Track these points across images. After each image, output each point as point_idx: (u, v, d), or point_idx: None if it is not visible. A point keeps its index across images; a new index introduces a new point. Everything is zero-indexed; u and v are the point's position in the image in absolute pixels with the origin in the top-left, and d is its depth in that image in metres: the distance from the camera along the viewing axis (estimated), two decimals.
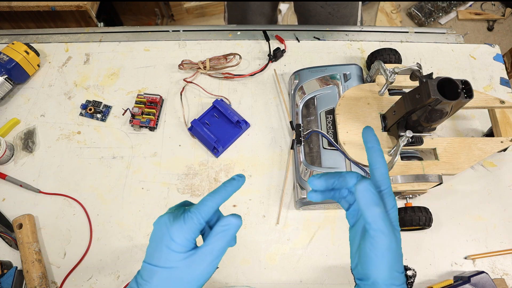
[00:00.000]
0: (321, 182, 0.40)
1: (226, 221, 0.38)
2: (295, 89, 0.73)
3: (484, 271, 0.59)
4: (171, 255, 0.37)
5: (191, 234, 0.37)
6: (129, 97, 0.78)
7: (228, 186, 0.39)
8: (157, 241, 0.38)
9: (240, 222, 0.38)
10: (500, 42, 1.88)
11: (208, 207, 0.38)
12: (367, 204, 0.35)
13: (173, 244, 0.37)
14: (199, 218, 0.37)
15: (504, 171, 0.71)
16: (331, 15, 0.96)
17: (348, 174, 0.40)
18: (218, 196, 0.38)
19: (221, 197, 0.38)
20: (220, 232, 0.38)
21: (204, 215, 0.37)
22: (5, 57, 0.76)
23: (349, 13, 0.98)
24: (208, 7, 1.87)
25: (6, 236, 0.66)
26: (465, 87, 0.52)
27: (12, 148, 0.73)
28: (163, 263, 0.37)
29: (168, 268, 0.37)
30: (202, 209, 0.38)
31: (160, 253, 0.37)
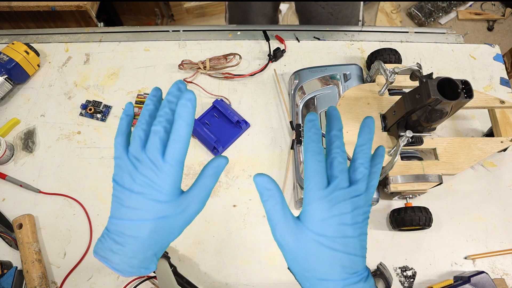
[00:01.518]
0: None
1: (217, 162, 0.36)
2: (295, 89, 0.73)
3: (484, 271, 0.59)
4: (160, 205, 0.34)
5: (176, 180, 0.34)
6: (129, 97, 0.78)
7: (185, 116, 0.34)
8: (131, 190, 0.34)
9: (227, 160, 0.37)
10: (500, 42, 1.88)
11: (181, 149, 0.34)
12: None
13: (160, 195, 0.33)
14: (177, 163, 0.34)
15: (504, 171, 0.71)
16: (332, 15, 0.96)
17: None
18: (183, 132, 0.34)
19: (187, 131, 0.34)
20: (212, 173, 0.36)
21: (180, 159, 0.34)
22: (5, 57, 0.76)
23: (350, 14, 0.98)
24: (208, 7, 1.87)
25: (6, 236, 0.66)
26: (465, 87, 0.52)
27: (12, 148, 0.73)
28: (148, 215, 0.33)
29: (156, 219, 0.33)
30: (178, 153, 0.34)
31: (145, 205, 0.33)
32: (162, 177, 0.33)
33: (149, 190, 0.33)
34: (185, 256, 0.65)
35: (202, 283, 0.64)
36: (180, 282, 0.59)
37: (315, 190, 0.33)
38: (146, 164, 0.33)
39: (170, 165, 0.33)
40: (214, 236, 0.66)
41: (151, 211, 0.33)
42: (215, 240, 0.66)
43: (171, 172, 0.34)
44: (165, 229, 0.34)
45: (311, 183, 0.33)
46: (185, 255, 0.65)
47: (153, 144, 0.33)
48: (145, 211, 0.33)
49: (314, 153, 0.34)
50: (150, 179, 0.33)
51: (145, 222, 0.33)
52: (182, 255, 0.65)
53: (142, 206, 0.33)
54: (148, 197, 0.33)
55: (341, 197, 0.33)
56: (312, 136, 0.34)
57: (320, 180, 0.33)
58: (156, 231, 0.34)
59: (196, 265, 0.65)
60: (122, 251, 0.33)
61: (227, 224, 0.67)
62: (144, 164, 0.33)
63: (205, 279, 0.64)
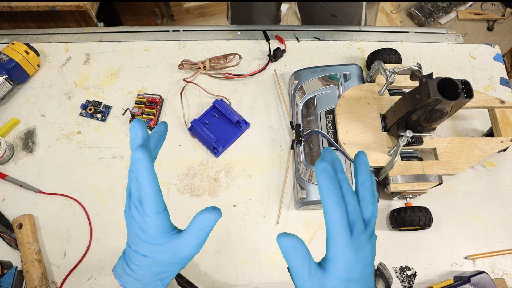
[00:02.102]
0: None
1: (204, 220, 0.38)
2: (295, 89, 0.74)
3: (484, 271, 0.59)
4: (152, 246, 0.38)
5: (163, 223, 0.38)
6: (129, 97, 0.78)
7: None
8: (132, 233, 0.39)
9: (219, 214, 0.38)
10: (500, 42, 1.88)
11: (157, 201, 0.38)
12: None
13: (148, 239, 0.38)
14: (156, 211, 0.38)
15: (504, 171, 0.71)
16: (335, 14, 0.96)
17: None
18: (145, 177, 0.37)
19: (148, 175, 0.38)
20: (198, 225, 0.39)
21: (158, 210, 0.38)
22: (5, 57, 0.76)
23: (353, 12, 0.98)
24: (208, 7, 1.87)
25: (6, 236, 0.66)
26: (465, 87, 0.52)
27: (12, 148, 0.73)
28: (145, 252, 0.39)
29: (151, 257, 0.39)
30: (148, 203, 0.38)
31: (142, 244, 0.39)
32: (145, 223, 0.38)
33: (142, 234, 0.38)
34: None
35: (202, 283, 0.64)
36: (180, 282, 0.59)
37: (342, 241, 0.33)
38: (134, 209, 0.38)
39: (149, 215, 0.37)
40: (214, 236, 0.66)
41: (146, 250, 0.39)
42: (215, 240, 0.66)
43: (152, 222, 0.38)
44: (162, 265, 0.39)
45: (337, 235, 0.33)
46: None
47: (134, 197, 0.38)
48: (143, 249, 0.39)
49: (335, 205, 0.33)
50: (141, 227, 0.38)
51: (144, 257, 0.39)
52: None
53: (140, 244, 0.39)
54: (142, 239, 0.38)
55: (363, 241, 0.34)
56: (329, 186, 0.33)
57: (345, 231, 0.33)
58: (154, 265, 0.39)
59: (196, 265, 0.65)
60: (132, 274, 0.40)
61: (227, 224, 0.67)
62: (133, 208, 0.38)
63: (205, 279, 0.64)
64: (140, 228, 0.38)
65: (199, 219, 0.38)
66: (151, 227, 0.38)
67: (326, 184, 0.33)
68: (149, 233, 0.38)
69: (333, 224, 0.33)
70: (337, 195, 0.33)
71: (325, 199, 0.33)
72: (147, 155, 0.36)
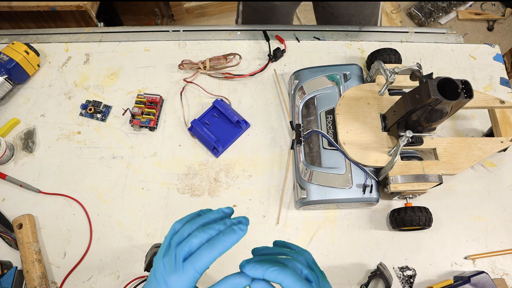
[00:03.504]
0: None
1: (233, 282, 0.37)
2: (295, 89, 0.74)
3: (484, 271, 0.59)
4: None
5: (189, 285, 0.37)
6: (129, 97, 0.78)
7: (227, 240, 0.37)
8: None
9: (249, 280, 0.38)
10: (500, 42, 1.88)
11: (205, 262, 0.36)
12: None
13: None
14: (196, 272, 0.36)
15: (504, 171, 0.71)
16: (353, 16, 0.96)
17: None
18: (215, 251, 0.36)
19: (218, 251, 0.37)
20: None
21: (200, 270, 0.36)
22: (5, 57, 0.76)
23: (370, 14, 0.98)
24: (208, 7, 1.87)
25: (6, 236, 0.66)
26: (465, 87, 0.52)
27: (12, 148, 0.73)
28: None
29: None
30: (198, 265, 0.36)
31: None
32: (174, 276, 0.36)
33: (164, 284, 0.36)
34: None
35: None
36: None
37: None
38: (170, 258, 0.37)
39: (186, 270, 0.36)
40: None
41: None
42: None
43: (184, 276, 0.36)
44: None
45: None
46: None
47: (183, 249, 0.36)
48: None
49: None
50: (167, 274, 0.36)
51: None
52: None
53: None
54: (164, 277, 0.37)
55: None
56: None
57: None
58: None
59: None
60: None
61: None
62: (169, 256, 0.37)
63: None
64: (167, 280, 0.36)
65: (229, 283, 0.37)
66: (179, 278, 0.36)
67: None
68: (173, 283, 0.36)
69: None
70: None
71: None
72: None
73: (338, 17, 0.97)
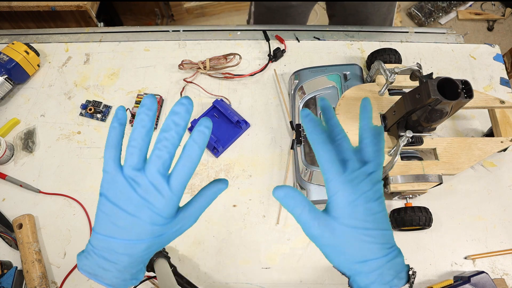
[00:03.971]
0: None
1: (217, 188, 0.36)
2: (295, 89, 0.73)
3: (484, 271, 0.59)
4: (160, 227, 0.33)
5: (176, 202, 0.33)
6: (129, 97, 0.78)
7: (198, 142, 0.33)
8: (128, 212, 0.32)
9: (227, 185, 0.37)
10: (500, 42, 1.88)
11: (186, 172, 0.33)
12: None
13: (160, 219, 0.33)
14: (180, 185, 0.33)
15: (504, 171, 0.71)
16: (370, 15, 0.97)
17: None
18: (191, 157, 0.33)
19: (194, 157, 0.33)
20: (210, 195, 0.36)
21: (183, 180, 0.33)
22: (5, 57, 0.76)
23: (387, 11, 0.99)
24: (208, 7, 1.87)
25: (6, 236, 0.66)
26: (465, 87, 0.52)
27: (12, 148, 0.73)
28: (143, 236, 0.33)
29: (152, 238, 0.33)
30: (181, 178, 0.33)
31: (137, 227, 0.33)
32: (164, 202, 0.32)
33: (147, 213, 0.32)
34: (185, 256, 0.65)
35: (202, 283, 0.64)
36: (180, 282, 0.59)
37: (336, 177, 0.34)
38: (147, 188, 0.32)
39: (176, 191, 0.33)
40: (214, 236, 0.66)
41: (147, 232, 0.33)
42: (215, 240, 0.66)
43: (175, 197, 0.33)
44: (159, 243, 0.34)
45: (330, 173, 0.34)
46: (185, 255, 0.65)
47: (157, 168, 0.32)
48: (141, 232, 0.33)
49: (322, 144, 0.35)
50: (150, 202, 0.32)
51: (141, 242, 0.33)
52: (182, 255, 0.65)
53: (138, 227, 0.33)
54: (145, 220, 0.32)
55: (360, 177, 0.34)
56: (313, 129, 0.35)
57: (337, 168, 0.34)
58: (150, 248, 0.34)
59: (196, 265, 0.65)
60: (115, 267, 0.33)
61: (227, 224, 0.67)
62: (144, 187, 0.32)
63: (205, 279, 0.64)
64: (147, 205, 0.32)
65: (211, 191, 0.36)
66: (169, 204, 0.33)
67: (309, 127, 0.35)
68: (162, 211, 0.32)
69: (323, 162, 0.34)
70: (322, 135, 0.35)
71: (312, 141, 0.35)
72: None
73: (356, 14, 0.98)
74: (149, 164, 0.33)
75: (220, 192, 0.37)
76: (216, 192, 0.36)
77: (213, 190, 0.36)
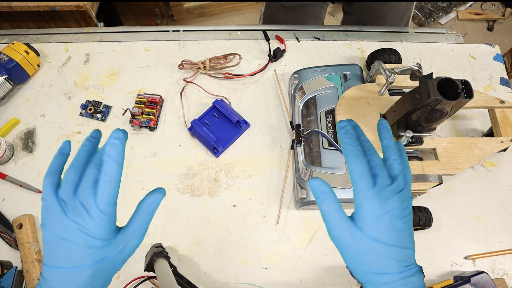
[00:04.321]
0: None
1: (152, 198, 0.36)
2: (295, 89, 0.74)
3: (484, 271, 0.59)
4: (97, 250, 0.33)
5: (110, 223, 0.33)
6: (129, 97, 0.78)
7: (113, 155, 0.33)
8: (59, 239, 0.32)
9: (164, 193, 0.36)
10: (500, 42, 1.88)
11: (108, 190, 0.33)
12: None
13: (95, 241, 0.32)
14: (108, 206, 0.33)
15: (504, 171, 0.70)
16: (388, 12, 0.97)
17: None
18: (111, 175, 0.33)
19: (115, 174, 0.33)
20: (148, 210, 0.36)
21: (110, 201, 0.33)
22: (5, 57, 0.76)
23: (404, 9, 0.99)
24: (208, 7, 1.87)
25: (6, 236, 0.66)
26: (465, 87, 0.52)
27: (12, 148, 0.73)
28: (85, 262, 0.32)
29: (94, 264, 0.33)
30: (106, 198, 0.33)
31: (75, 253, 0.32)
32: (95, 223, 0.32)
33: (82, 236, 0.32)
34: (185, 256, 0.65)
35: (202, 283, 0.64)
36: (180, 282, 0.59)
37: (365, 190, 0.35)
38: (77, 210, 0.32)
39: (104, 210, 0.32)
40: (214, 236, 0.66)
41: (87, 258, 0.32)
42: (215, 240, 0.66)
43: (105, 216, 0.33)
44: (105, 268, 0.34)
45: (360, 185, 0.35)
46: (185, 255, 0.65)
47: (85, 188, 0.32)
48: (81, 258, 0.32)
49: (355, 157, 0.36)
50: (82, 225, 0.32)
51: (83, 268, 0.32)
52: (182, 255, 0.65)
53: (77, 253, 0.32)
54: (82, 244, 0.32)
55: (389, 193, 0.35)
56: (349, 141, 0.36)
57: (367, 181, 0.35)
58: (96, 273, 0.33)
59: (196, 265, 0.65)
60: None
61: (227, 224, 0.67)
62: (75, 210, 0.32)
63: (205, 279, 0.64)
64: (80, 229, 0.32)
65: (148, 202, 0.35)
66: (100, 224, 0.32)
67: (345, 139, 0.36)
68: (96, 232, 0.32)
69: (354, 174, 0.35)
70: (356, 148, 0.36)
71: (346, 152, 0.36)
72: (125, 140, 0.34)
73: (374, 13, 0.99)
74: (80, 185, 0.33)
75: (157, 202, 0.36)
76: (154, 202, 0.36)
77: (148, 202, 0.36)
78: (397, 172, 0.36)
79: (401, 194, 0.35)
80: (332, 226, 0.36)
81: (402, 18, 1.01)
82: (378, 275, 0.35)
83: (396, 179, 0.36)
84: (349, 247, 0.36)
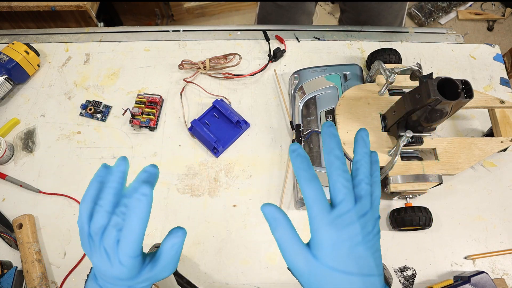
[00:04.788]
0: None
1: (173, 245, 0.36)
2: (295, 89, 0.74)
3: (484, 271, 0.59)
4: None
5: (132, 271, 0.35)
6: (129, 97, 0.78)
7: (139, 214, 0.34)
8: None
9: (185, 234, 0.37)
10: (500, 42, 1.88)
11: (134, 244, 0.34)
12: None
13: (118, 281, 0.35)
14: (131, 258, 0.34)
15: (504, 171, 0.71)
16: (382, 11, 0.98)
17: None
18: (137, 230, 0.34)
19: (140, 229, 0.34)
20: (173, 254, 0.36)
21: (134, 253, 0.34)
22: (5, 57, 0.76)
23: (399, 8, 1.00)
24: (208, 7, 1.88)
25: (6, 236, 0.66)
26: (465, 87, 0.52)
27: (12, 148, 0.73)
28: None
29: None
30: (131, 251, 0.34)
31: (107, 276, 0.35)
32: (115, 271, 0.34)
33: (107, 272, 0.35)
34: (185, 256, 0.65)
35: (202, 283, 0.64)
36: (180, 282, 0.59)
37: (320, 217, 0.32)
38: (101, 254, 0.34)
39: (125, 263, 0.34)
40: (214, 236, 0.66)
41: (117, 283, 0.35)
42: (215, 240, 0.66)
43: (125, 269, 0.34)
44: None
45: (314, 210, 0.33)
46: (185, 255, 0.65)
47: (110, 238, 0.34)
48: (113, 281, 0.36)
49: (308, 181, 0.33)
50: (105, 267, 0.34)
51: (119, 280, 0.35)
52: (182, 255, 0.65)
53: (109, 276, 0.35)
54: (108, 276, 0.35)
55: (348, 219, 0.32)
56: (300, 165, 0.34)
57: (321, 206, 0.33)
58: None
59: (196, 265, 0.65)
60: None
61: (227, 224, 0.67)
62: (100, 253, 0.34)
63: (205, 279, 0.64)
64: (101, 268, 0.35)
65: (168, 246, 0.36)
66: (119, 273, 0.34)
67: (297, 163, 0.34)
68: (118, 277, 0.34)
69: (308, 199, 0.33)
70: (309, 172, 0.34)
71: (298, 177, 0.34)
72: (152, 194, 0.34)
73: (368, 11, 0.99)
74: (106, 231, 0.34)
75: (180, 245, 0.36)
76: (174, 246, 0.36)
77: (169, 245, 0.36)
78: (362, 193, 0.33)
79: (365, 217, 0.33)
80: (287, 254, 0.34)
81: (396, 17, 1.02)
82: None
83: (360, 200, 0.33)
84: (305, 276, 0.33)
